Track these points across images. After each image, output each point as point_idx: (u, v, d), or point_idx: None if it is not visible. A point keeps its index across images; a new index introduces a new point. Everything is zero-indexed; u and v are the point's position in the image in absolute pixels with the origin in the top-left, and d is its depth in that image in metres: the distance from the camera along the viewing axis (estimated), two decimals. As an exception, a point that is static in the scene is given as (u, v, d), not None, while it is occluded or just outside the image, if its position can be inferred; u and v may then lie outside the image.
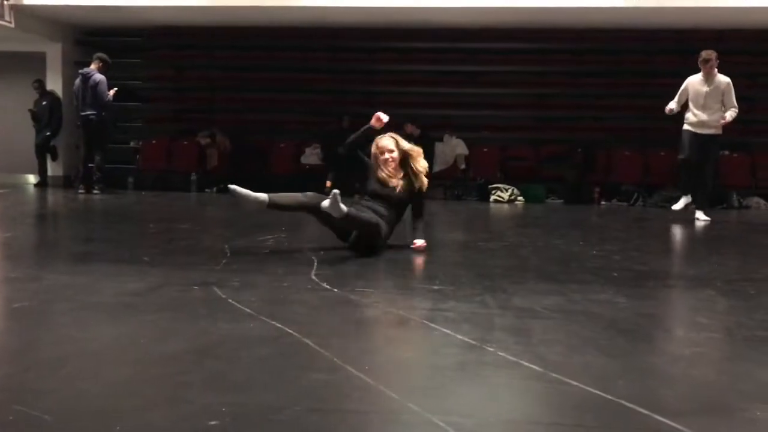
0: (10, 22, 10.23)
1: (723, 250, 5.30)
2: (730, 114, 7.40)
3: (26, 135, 11.45)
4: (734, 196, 10.26)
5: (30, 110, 11.38)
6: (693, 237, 6.36)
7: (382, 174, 4.66)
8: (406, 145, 4.71)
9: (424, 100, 11.34)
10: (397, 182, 4.64)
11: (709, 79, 7.47)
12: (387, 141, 4.68)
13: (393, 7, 9.86)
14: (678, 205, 7.76)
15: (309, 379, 1.98)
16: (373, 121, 4.62)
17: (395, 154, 4.64)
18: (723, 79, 7.48)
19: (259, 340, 2.36)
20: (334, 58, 11.83)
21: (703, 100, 7.46)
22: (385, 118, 4.61)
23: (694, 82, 7.59)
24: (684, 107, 7.64)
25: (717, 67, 7.48)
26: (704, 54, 7.46)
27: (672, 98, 7.68)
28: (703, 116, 7.48)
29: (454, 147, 10.88)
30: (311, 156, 11.25)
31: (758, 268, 4.32)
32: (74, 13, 10.89)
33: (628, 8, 9.56)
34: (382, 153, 4.68)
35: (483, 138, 11.11)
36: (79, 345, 2.31)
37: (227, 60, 12.03)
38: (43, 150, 11.42)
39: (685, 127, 7.60)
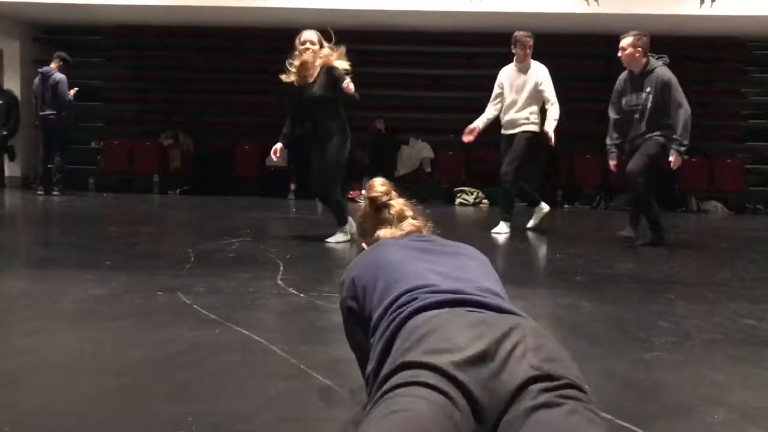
0: (-34, 19, 9.98)
1: (682, 253, 5.42)
2: (553, 117, 5.92)
3: (-18, 134, 11.17)
4: (693, 200, 10.51)
5: (-16, 109, 11.13)
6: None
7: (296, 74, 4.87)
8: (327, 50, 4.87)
9: (389, 103, 11.34)
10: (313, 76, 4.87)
11: (522, 67, 6.06)
12: (309, 33, 4.97)
13: (355, 10, 9.87)
14: (498, 229, 6.12)
15: (276, 387, 1.97)
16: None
17: (317, 47, 4.88)
18: (539, 67, 6.03)
19: (225, 348, 2.35)
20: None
21: (515, 93, 6.05)
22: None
23: (507, 72, 6.17)
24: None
25: (533, 56, 6.07)
26: (517, 35, 6.02)
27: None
28: (512, 112, 6.09)
29: (419, 150, 10.93)
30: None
31: (716, 271, 4.43)
32: (33, 10, 10.65)
33: (588, 14, 9.73)
34: (303, 44, 4.86)
35: (448, 141, 11.18)
36: (40, 355, 2.27)
37: (190, 60, 11.87)
38: (0, 150, 11.16)
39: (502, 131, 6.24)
